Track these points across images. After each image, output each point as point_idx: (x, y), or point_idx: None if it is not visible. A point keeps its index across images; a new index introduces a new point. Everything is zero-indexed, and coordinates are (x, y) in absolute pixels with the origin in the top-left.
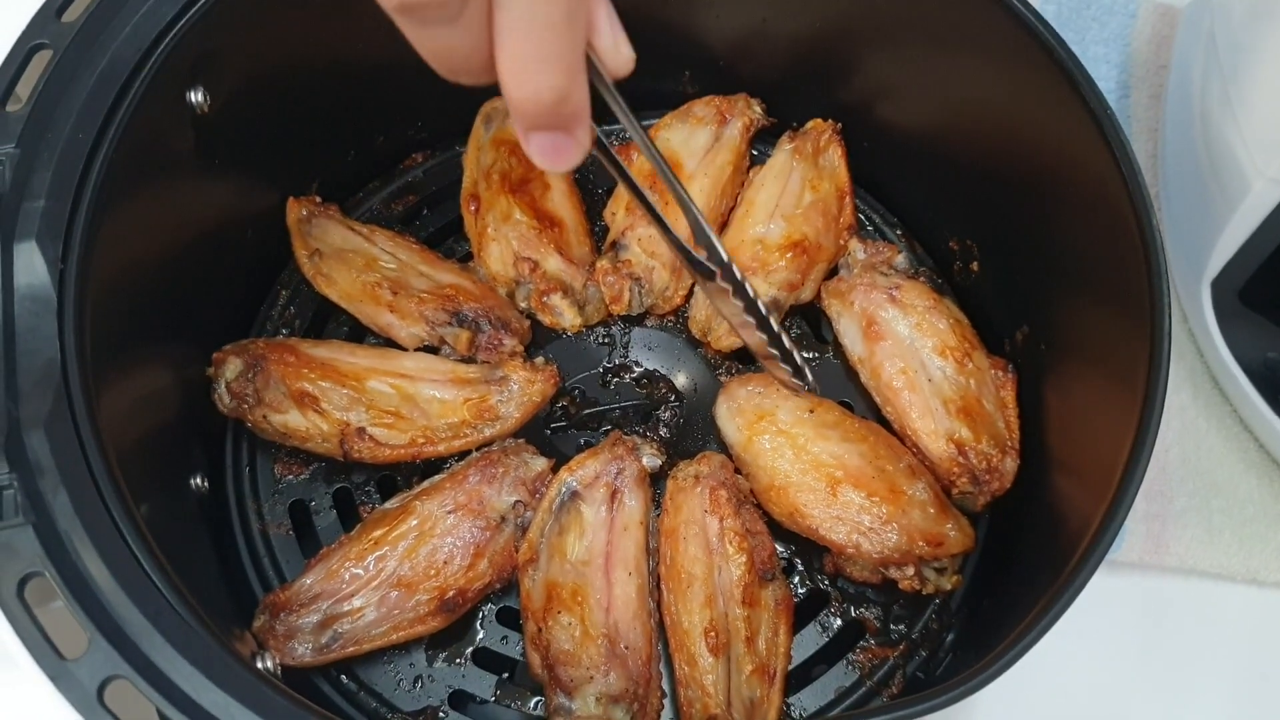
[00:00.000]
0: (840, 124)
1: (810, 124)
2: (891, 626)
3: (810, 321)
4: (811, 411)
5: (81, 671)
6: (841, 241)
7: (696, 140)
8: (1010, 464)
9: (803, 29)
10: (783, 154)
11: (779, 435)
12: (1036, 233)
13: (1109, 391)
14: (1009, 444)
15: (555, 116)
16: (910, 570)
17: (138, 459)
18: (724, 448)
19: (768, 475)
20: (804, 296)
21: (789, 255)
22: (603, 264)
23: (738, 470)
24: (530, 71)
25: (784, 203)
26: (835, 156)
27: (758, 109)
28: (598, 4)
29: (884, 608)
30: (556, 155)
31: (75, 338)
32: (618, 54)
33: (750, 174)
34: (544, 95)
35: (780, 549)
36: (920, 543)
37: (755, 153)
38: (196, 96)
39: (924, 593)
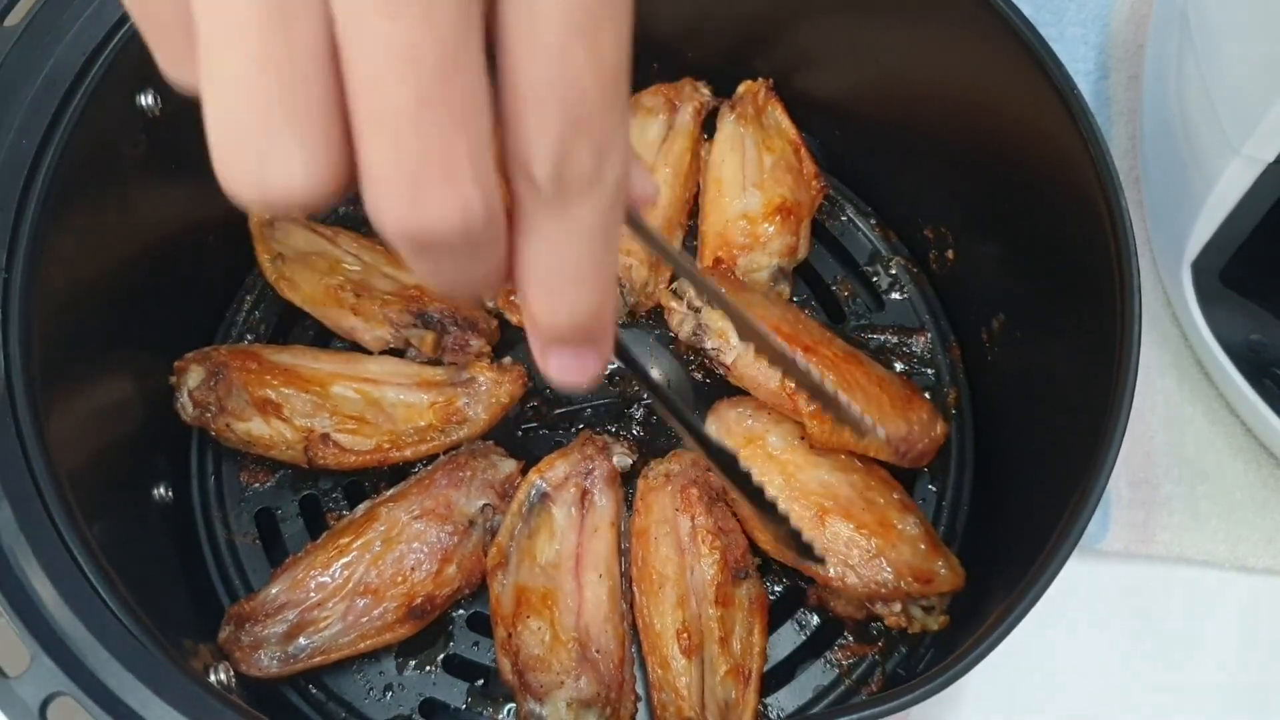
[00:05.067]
0: (771, 79)
1: (742, 87)
2: (870, 623)
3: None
4: (802, 438)
5: (23, 689)
6: (813, 193)
7: (650, 132)
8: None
9: (747, 9)
10: (728, 126)
11: (768, 461)
12: (1009, 219)
13: (1083, 378)
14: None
15: (585, 334)
16: (897, 607)
17: (94, 469)
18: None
19: None
20: (801, 254)
21: (776, 220)
22: None
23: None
24: (564, 291)
25: (749, 172)
26: (777, 112)
27: (705, 91)
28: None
29: None
30: (580, 372)
31: (21, 349)
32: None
33: (703, 155)
34: (578, 316)
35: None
36: (909, 579)
37: (706, 137)
38: (147, 100)
39: (910, 631)
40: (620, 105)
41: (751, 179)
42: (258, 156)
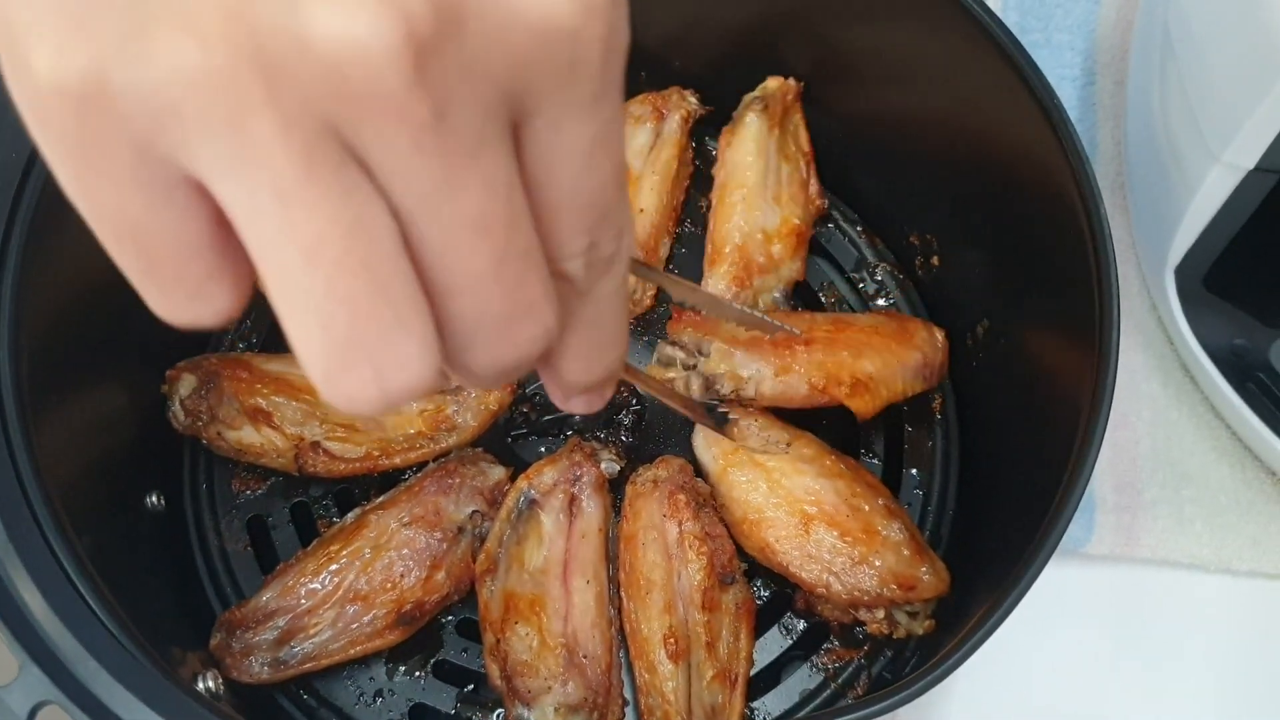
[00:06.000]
0: (803, 83)
1: (773, 84)
2: (856, 627)
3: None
4: (788, 445)
5: (12, 698)
6: (813, 210)
7: (638, 140)
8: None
9: (735, 17)
10: (755, 123)
11: (755, 468)
12: (994, 226)
13: (1065, 382)
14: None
15: (610, 379)
16: (880, 613)
17: (86, 478)
18: (701, 474)
19: (741, 508)
20: (797, 277)
21: (791, 243)
22: None
23: (699, 473)
24: (598, 358)
25: (770, 182)
26: (798, 119)
27: (693, 99)
28: None
29: None
30: (601, 402)
31: (10, 359)
32: None
33: (723, 152)
34: (609, 370)
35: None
36: (892, 585)
37: (694, 145)
38: None
39: (894, 637)
40: (625, 186)
41: (772, 190)
42: (373, 366)
